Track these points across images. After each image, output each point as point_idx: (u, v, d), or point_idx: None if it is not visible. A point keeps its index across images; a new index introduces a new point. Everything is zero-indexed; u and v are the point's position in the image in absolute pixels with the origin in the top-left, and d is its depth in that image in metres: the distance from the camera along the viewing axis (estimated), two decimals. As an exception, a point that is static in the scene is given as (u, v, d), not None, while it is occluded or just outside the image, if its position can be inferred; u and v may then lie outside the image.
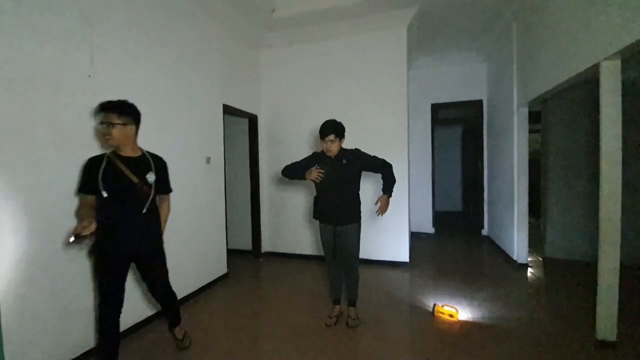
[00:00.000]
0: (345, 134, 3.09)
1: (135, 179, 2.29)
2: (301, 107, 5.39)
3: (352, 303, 3.28)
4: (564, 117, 5.05)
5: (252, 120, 5.44)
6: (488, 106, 6.56)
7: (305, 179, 3.05)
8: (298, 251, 5.53)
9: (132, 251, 2.34)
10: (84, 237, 2.02)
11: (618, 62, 2.67)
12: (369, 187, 4.50)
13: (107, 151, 2.35)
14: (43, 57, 2.41)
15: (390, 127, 4.92)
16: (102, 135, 2.33)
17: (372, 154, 3.12)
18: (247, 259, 5.53)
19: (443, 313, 3.34)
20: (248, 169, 5.54)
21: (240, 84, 5.02)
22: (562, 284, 4.17)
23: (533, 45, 4.21)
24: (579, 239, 5.03)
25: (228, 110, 4.68)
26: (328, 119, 3.07)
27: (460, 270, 4.77)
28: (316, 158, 3.15)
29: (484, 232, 6.82)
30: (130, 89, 3.12)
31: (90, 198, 2.25)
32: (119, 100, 2.29)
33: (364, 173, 3.14)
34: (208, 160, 4.16)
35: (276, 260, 5.48)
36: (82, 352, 2.68)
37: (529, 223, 4.88)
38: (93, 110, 2.52)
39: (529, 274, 4.56)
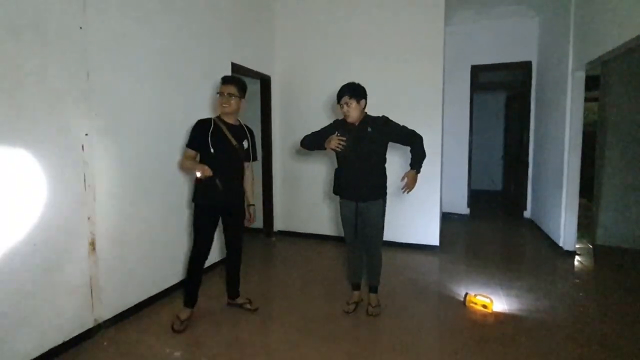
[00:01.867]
0: (371, 98, 3.03)
1: (234, 142, 2.98)
2: (321, 66, 5.31)
3: (373, 289, 3.30)
4: (628, 82, 4.85)
5: (265, 82, 5.39)
6: (538, 69, 6.39)
7: (325, 149, 3.03)
8: (315, 230, 5.57)
9: (225, 205, 3.06)
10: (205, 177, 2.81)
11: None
12: (396, 161, 4.45)
13: (213, 116, 3.05)
14: (30, 5, 2.40)
15: (422, 92, 4.81)
16: (221, 104, 2.96)
17: (401, 124, 3.07)
18: (258, 238, 5.60)
19: (476, 303, 3.34)
20: (259, 136, 5.51)
21: (251, 39, 4.96)
22: (614, 275, 4.11)
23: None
24: (638, 224, 4.92)
25: (237, 69, 4.63)
26: (350, 81, 3.02)
27: (497, 256, 4.76)
28: (338, 125, 3.11)
29: (527, 214, 6.76)
30: (126, 43, 3.10)
31: (194, 153, 2.96)
32: (239, 77, 3.05)
33: (390, 144, 3.10)
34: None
35: (290, 240, 5.55)
36: (79, 331, 2.77)
37: (580, 205, 4.80)
38: (218, 82, 3.06)
39: (576, 263, 4.51)
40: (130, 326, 3.06)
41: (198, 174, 2.80)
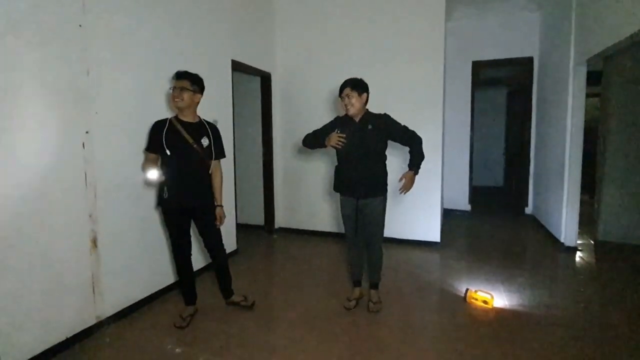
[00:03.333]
0: (372, 95, 3.03)
1: (191, 141, 2.87)
2: (322, 63, 5.29)
3: (374, 285, 3.31)
4: (630, 77, 4.80)
5: (265, 79, 5.38)
6: (539, 65, 6.34)
7: (326, 146, 3.03)
8: (316, 227, 5.58)
9: (188, 204, 2.95)
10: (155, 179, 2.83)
11: None
12: (395, 160, 4.44)
13: (170, 116, 2.96)
14: (30, 3, 2.40)
15: (423, 88, 4.80)
16: (173, 99, 2.86)
17: (402, 123, 3.06)
18: (259, 234, 5.61)
19: (476, 299, 3.34)
20: (260, 133, 5.54)
21: (252, 36, 4.95)
22: (615, 271, 4.11)
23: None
24: (638, 220, 4.90)
25: (237, 67, 4.62)
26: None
27: (498, 252, 4.75)
28: (339, 122, 3.11)
29: (528, 210, 6.73)
30: (126, 41, 3.11)
31: (154, 156, 2.91)
32: (193, 73, 2.93)
33: (390, 142, 3.10)
34: (214, 123, 4.15)
35: (291, 236, 5.56)
36: (81, 328, 2.79)
37: (581, 201, 4.78)
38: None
39: (577, 259, 4.50)
40: (132, 323, 3.07)
41: (148, 177, 2.82)
